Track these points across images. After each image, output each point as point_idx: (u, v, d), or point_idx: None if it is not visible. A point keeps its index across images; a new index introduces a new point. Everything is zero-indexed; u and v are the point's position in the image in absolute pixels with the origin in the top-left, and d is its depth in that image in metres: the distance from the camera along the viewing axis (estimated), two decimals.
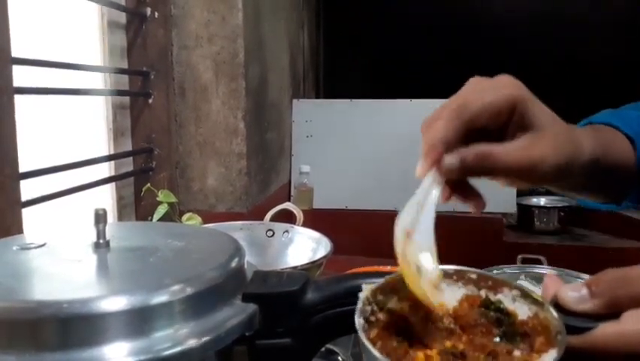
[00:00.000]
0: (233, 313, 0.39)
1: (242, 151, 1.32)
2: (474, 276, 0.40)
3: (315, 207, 1.52)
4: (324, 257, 0.87)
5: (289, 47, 1.90)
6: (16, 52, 0.78)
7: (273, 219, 1.09)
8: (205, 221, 1.12)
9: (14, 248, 0.44)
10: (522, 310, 0.37)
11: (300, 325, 0.42)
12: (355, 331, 0.36)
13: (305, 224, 1.08)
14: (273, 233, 1.01)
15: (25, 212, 0.81)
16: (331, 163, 1.87)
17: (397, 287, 0.38)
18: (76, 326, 0.34)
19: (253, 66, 1.38)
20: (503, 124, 0.46)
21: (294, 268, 0.84)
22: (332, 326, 0.44)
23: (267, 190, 1.56)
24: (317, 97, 2.58)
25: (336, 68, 2.98)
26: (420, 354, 0.34)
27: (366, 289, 0.38)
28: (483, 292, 0.40)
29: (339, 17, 2.90)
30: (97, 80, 1.14)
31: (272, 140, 1.63)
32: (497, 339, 0.36)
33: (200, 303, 0.38)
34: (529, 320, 0.36)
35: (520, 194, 1.95)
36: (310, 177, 1.49)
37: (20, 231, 0.78)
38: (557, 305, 0.36)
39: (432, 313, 0.37)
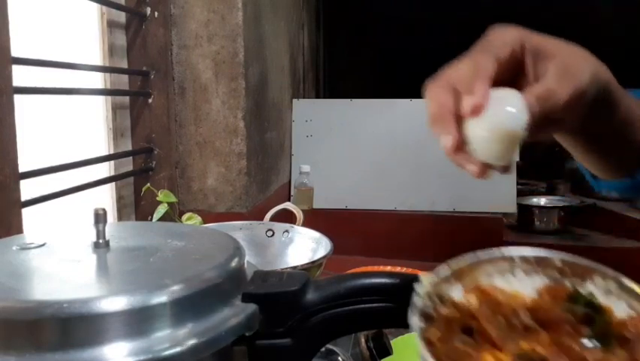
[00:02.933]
0: (233, 314, 0.39)
1: (242, 151, 1.32)
2: (558, 262, 0.33)
3: (315, 207, 1.52)
4: (324, 257, 0.87)
5: (289, 46, 1.90)
6: (16, 52, 0.78)
7: (273, 219, 1.09)
8: (205, 221, 1.12)
9: (14, 248, 0.44)
10: (619, 307, 0.30)
11: (300, 325, 0.42)
12: (355, 331, 0.36)
13: (305, 224, 1.08)
14: (273, 233, 1.01)
15: (25, 212, 0.81)
16: (331, 163, 1.87)
17: (463, 276, 0.33)
18: (76, 326, 0.34)
19: (253, 66, 1.38)
20: (515, 71, 0.44)
21: (294, 268, 0.84)
22: (332, 326, 0.44)
23: (267, 190, 1.56)
24: (317, 97, 2.58)
25: (336, 68, 2.98)
26: (489, 358, 0.28)
27: (426, 281, 0.32)
28: (568, 283, 0.32)
29: (339, 17, 2.90)
30: (97, 80, 1.14)
31: (272, 140, 1.63)
32: (587, 342, 0.28)
33: (199, 303, 0.38)
34: (628, 320, 0.29)
35: (520, 194, 1.95)
36: (310, 177, 1.49)
37: (20, 231, 0.78)
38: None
39: (505, 307, 0.30)
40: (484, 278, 0.33)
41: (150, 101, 1.23)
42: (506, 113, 0.35)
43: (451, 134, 0.43)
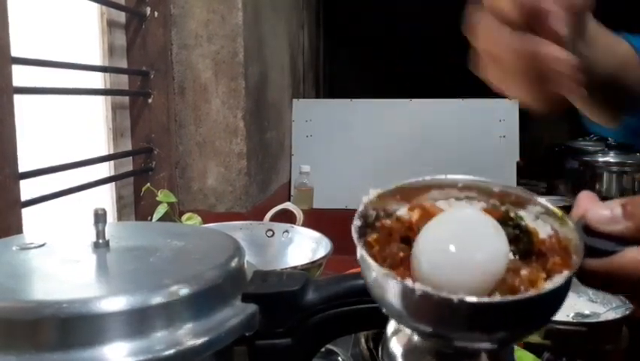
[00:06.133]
0: (233, 314, 0.39)
1: (242, 151, 1.32)
2: (496, 189, 0.36)
3: (315, 207, 1.52)
4: (324, 257, 0.86)
5: (289, 46, 1.90)
6: (15, 51, 0.78)
7: (273, 219, 1.09)
8: (205, 221, 1.12)
9: (14, 248, 0.44)
10: (544, 230, 0.34)
11: (300, 325, 0.42)
12: (355, 331, 0.36)
13: (305, 224, 1.08)
14: (273, 233, 1.00)
15: (25, 212, 0.81)
16: (331, 163, 1.87)
17: (410, 196, 0.35)
18: (76, 326, 0.34)
19: (253, 66, 1.38)
20: None
21: (294, 268, 0.84)
22: (332, 326, 0.44)
23: (267, 190, 1.56)
24: (317, 97, 2.58)
25: (336, 68, 2.98)
26: None
27: (373, 192, 0.35)
28: (504, 208, 0.35)
29: (339, 17, 2.90)
30: (96, 80, 1.14)
31: (272, 140, 1.63)
32: (511, 256, 0.32)
33: (199, 303, 0.38)
34: (547, 239, 0.33)
35: None
36: (310, 177, 1.49)
37: (20, 231, 0.78)
38: (585, 225, 0.33)
39: None
40: (428, 199, 0.35)
41: (150, 101, 1.23)
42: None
43: None
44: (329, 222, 1.36)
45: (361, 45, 3.01)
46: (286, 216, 1.14)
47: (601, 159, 2.20)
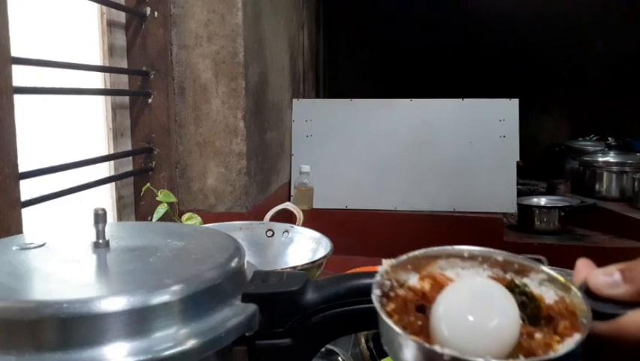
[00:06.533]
0: (233, 314, 0.39)
1: (242, 151, 1.32)
2: (500, 258, 0.38)
3: (315, 207, 1.52)
4: (324, 257, 0.86)
5: (289, 46, 1.90)
6: (15, 51, 0.78)
7: (273, 219, 1.09)
8: (205, 221, 1.12)
9: (14, 248, 0.44)
10: (549, 295, 0.36)
11: (300, 325, 0.42)
12: (355, 331, 0.36)
13: (305, 224, 1.08)
14: (273, 233, 1.00)
15: (25, 212, 0.80)
16: (331, 163, 1.87)
17: (419, 265, 0.38)
18: (76, 326, 0.34)
19: (253, 66, 1.38)
20: None
21: (294, 268, 0.84)
22: (332, 326, 0.44)
23: (267, 190, 1.56)
24: (317, 97, 2.58)
25: (336, 68, 2.98)
26: None
27: (386, 263, 0.38)
28: (508, 276, 0.38)
29: (339, 17, 2.90)
30: (96, 80, 1.14)
31: (272, 140, 1.63)
32: (520, 322, 0.34)
33: (200, 303, 0.38)
34: (554, 304, 0.35)
35: (520, 194, 1.95)
36: (310, 177, 1.49)
37: (20, 231, 0.78)
38: (587, 290, 0.35)
39: None
40: (436, 269, 0.38)
41: (150, 101, 1.23)
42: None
43: None
44: (329, 222, 1.36)
45: (361, 45, 3.01)
46: (286, 216, 1.14)
47: (601, 159, 2.20)
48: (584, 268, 0.37)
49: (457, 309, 0.33)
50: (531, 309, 0.35)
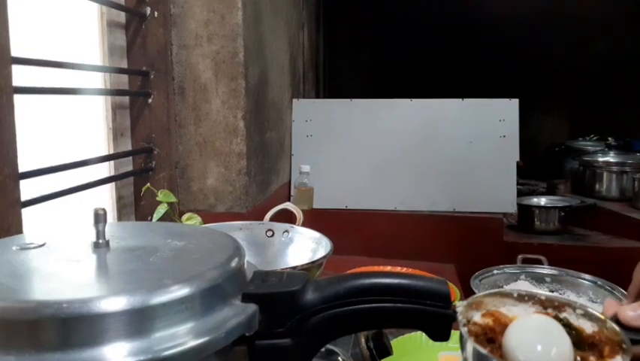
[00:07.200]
0: (233, 314, 0.39)
1: (242, 151, 1.32)
2: (542, 297, 0.48)
3: (315, 207, 1.52)
4: (324, 257, 0.87)
5: (289, 46, 1.90)
6: (15, 51, 0.78)
7: (273, 219, 1.09)
8: (205, 221, 1.12)
9: (14, 248, 0.44)
10: (586, 326, 0.45)
11: (300, 325, 0.42)
12: (355, 331, 0.36)
13: (305, 224, 1.08)
14: (273, 233, 1.01)
15: (25, 212, 0.80)
16: (331, 163, 1.87)
17: (479, 305, 0.48)
18: (76, 326, 0.34)
19: (253, 66, 1.38)
20: None
21: (294, 268, 0.84)
22: (332, 326, 0.44)
23: (267, 190, 1.56)
24: (317, 97, 2.58)
25: (336, 68, 2.98)
26: None
27: (461, 305, 0.47)
28: (551, 311, 0.47)
29: (339, 17, 2.90)
30: (96, 80, 1.14)
31: (272, 140, 1.63)
32: (573, 349, 0.42)
33: (199, 303, 0.38)
34: (595, 334, 0.44)
35: (520, 194, 1.95)
36: (310, 177, 1.49)
37: (20, 231, 0.78)
38: (618, 322, 0.45)
39: None
40: (492, 307, 0.48)
41: (150, 101, 1.23)
42: None
43: None
44: (329, 222, 1.36)
45: (361, 45, 3.01)
46: (286, 216, 1.14)
47: (601, 159, 2.20)
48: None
49: (528, 341, 0.42)
50: (573, 337, 0.43)
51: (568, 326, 0.44)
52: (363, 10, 2.91)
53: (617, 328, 0.44)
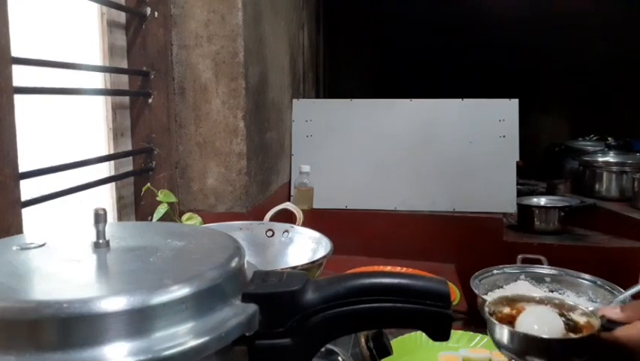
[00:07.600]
0: (233, 314, 0.39)
1: (242, 151, 1.32)
2: (557, 301, 0.65)
3: (315, 207, 1.52)
4: (324, 257, 0.87)
5: (289, 46, 1.90)
6: (16, 52, 0.78)
7: (273, 219, 1.09)
8: (205, 221, 1.12)
9: (14, 248, 0.44)
10: (582, 320, 0.62)
11: (300, 325, 0.42)
12: (355, 331, 0.36)
13: (305, 224, 1.08)
14: (273, 233, 1.01)
15: (25, 212, 0.81)
16: (331, 163, 1.87)
17: (509, 302, 0.65)
18: (76, 326, 0.34)
19: (253, 66, 1.38)
20: None
21: (294, 268, 0.84)
22: (332, 326, 0.44)
23: (267, 190, 1.56)
24: (317, 97, 2.58)
25: (336, 68, 2.98)
26: None
27: (490, 299, 0.65)
28: (559, 310, 0.64)
29: (339, 17, 2.90)
30: (97, 80, 1.14)
31: (272, 140, 1.63)
32: (563, 331, 0.61)
33: (200, 303, 0.38)
34: (585, 323, 0.61)
35: (520, 194, 1.95)
36: (310, 177, 1.49)
37: (20, 231, 0.78)
38: (603, 317, 0.62)
39: None
40: (518, 305, 0.65)
41: (150, 101, 1.23)
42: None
43: None
44: (329, 222, 1.36)
45: (361, 45, 3.01)
46: (286, 216, 1.14)
47: (601, 159, 2.20)
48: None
49: (529, 321, 0.60)
50: (571, 326, 0.61)
51: (569, 319, 0.62)
52: (363, 11, 2.91)
53: (597, 320, 0.60)
